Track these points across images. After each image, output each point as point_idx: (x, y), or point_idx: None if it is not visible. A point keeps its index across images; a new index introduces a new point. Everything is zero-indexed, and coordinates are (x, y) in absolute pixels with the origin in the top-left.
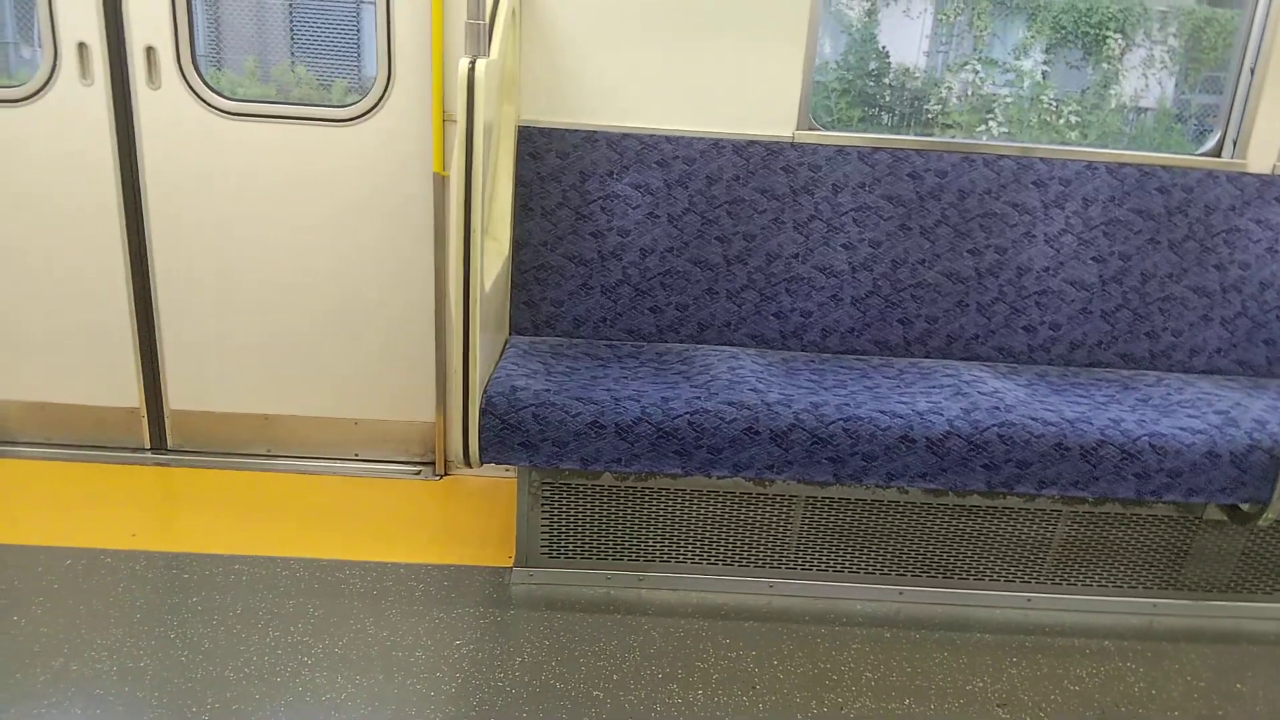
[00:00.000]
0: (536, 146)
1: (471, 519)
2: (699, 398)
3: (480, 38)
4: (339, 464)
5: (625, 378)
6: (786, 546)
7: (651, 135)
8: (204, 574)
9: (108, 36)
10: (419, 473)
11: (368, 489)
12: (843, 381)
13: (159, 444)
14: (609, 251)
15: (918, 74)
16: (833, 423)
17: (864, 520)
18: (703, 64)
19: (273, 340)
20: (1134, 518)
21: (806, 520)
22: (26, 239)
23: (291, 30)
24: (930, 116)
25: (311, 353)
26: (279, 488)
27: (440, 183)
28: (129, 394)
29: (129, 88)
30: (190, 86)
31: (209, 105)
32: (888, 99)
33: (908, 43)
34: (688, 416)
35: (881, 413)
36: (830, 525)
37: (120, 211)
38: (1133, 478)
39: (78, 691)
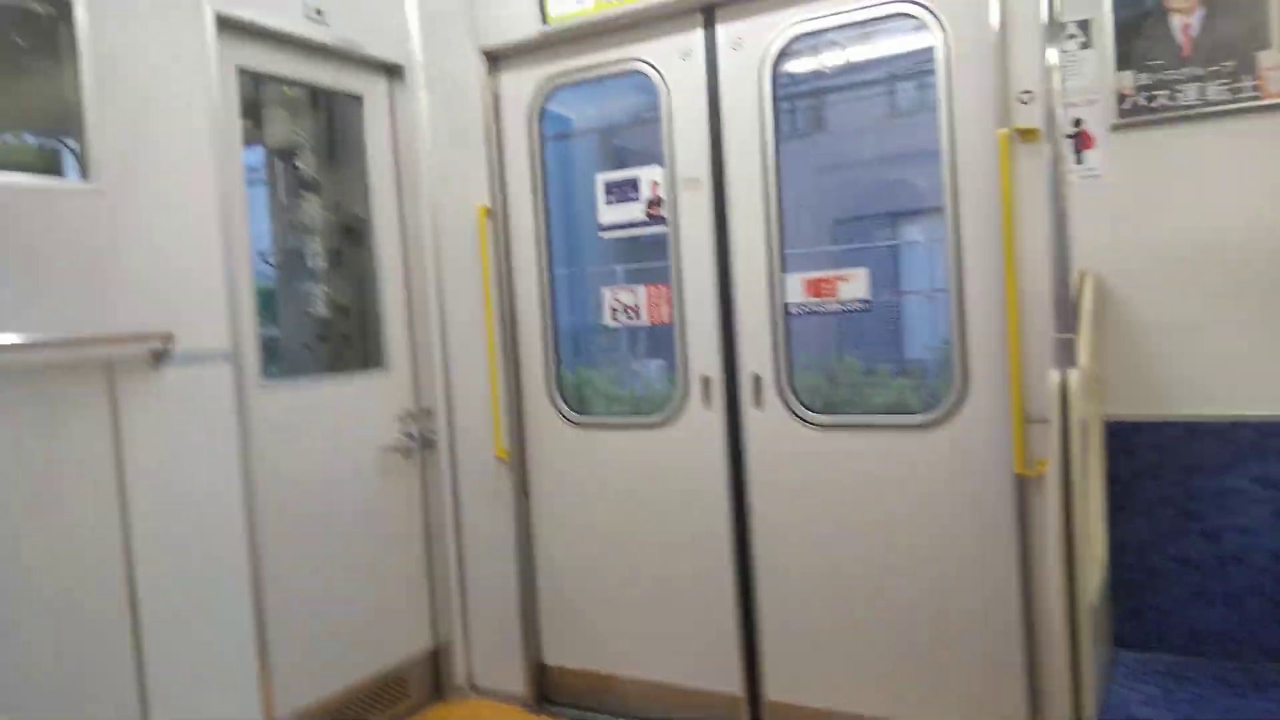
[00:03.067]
0: (1128, 442)
1: None
2: None
3: (1069, 349)
4: None
5: (1277, 715)
6: None
7: (1273, 421)
8: None
9: (725, 370)
10: None
11: None
12: None
13: None
14: (1229, 555)
15: None
16: None
17: None
18: None
19: (858, 636)
20: None
21: None
22: (649, 547)
23: (840, 327)
24: None
25: (894, 650)
26: None
27: (1020, 482)
28: (732, 681)
29: (738, 409)
30: (786, 404)
31: (801, 419)
32: None
33: None
34: None
35: None
36: None
37: (729, 513)
38: None
39: None
